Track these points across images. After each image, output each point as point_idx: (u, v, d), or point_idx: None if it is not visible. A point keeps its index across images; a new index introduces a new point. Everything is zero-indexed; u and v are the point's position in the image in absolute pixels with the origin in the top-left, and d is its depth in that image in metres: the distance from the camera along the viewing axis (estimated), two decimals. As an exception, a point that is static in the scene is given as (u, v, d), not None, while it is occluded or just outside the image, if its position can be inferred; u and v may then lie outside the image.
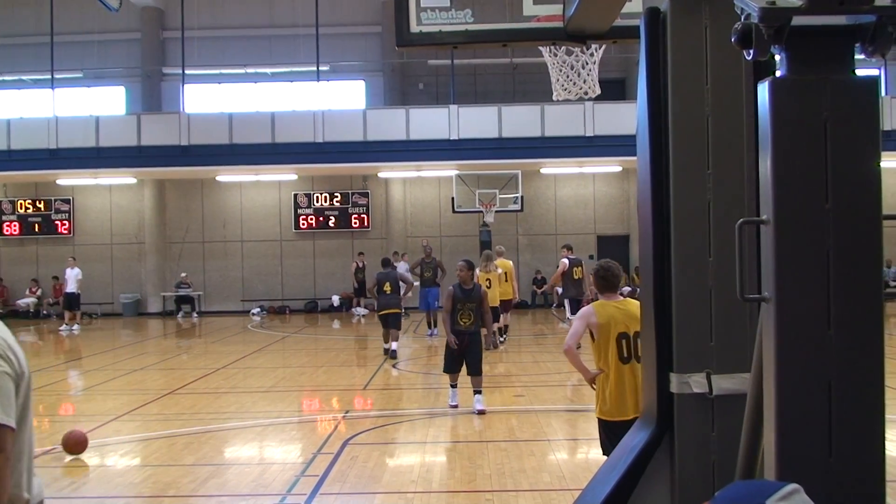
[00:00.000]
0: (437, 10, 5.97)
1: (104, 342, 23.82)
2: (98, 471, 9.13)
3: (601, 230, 31.55)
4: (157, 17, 32.98)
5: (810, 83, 3.04)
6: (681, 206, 4.29)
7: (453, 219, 30.35)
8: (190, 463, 9.22)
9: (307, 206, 31.83)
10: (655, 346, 4.39)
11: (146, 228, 31.99)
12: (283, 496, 7.87)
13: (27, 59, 31.82)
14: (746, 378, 3.72)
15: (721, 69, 4.26)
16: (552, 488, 7.92)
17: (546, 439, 10.05)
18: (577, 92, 12.28)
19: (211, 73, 32.53)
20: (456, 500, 7.65)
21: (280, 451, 10.02)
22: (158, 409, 12.61)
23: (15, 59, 32.30)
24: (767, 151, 3.05)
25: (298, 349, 20.97)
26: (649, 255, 4.43)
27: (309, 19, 29.36)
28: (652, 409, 4.45)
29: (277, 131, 28.17)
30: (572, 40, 5.95)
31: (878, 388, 3.08)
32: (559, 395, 13.24)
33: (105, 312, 31.33)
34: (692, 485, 4.25)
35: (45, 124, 28.63)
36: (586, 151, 27.71)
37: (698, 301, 4.28)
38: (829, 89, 3.03)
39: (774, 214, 3.02)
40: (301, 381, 15.44)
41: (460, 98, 29.37)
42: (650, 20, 4.37)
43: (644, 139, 4.44)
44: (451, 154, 27.89)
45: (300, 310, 31.60)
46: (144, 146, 28.32)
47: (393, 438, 10.59)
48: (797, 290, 3.03)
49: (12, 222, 32.10)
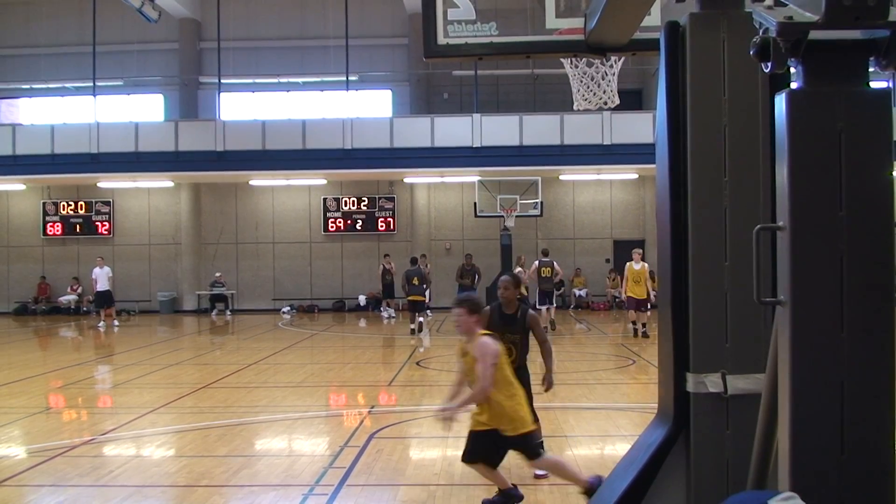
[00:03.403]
0: (464, 24, 6.05)
1: (141, 338, 23.86)
2: (135, 461, 9.15)
3: (617, 235, 31.86)
4: (194, 29, 33.50)
5: (826, 95, 3.04)
6: (698, 212, 4.34)
7: (475, 223, 30.64)
8: (223, 454, 9.24)
9: (336, 210, 32.28)
10: (672, 346, 4.42)
11: (182, 230, 32.46)
12: (312, 487, 7.88)
13: (70, 68, 32.48)
14: (761, 378, 3.79)
15: (738, 81, 4.31)
16: (570, 483, 7.64)
17: (563, 435, 9.98)
18: (596, 102, 12.56)
19: (245, 82, 33.02)
20: (477, 494, 7.50)
21: (308, 444, 9.99)
22: (193, 403, 12.65)
23: (59, 67, 32.93)
24: (784, 160, 3.06)
25: (326, 347, 21.05)
26: (667, 259, 4.47)
27: (339, 31, 29.90)
28: (668, 408, 4.49)
29: (308, 138, 28.61)
30: (593, 52, 6.02)
31: (889, 388, 3.08)
32: (576, 392, 13.01)
33: (143, 310, 31.70)
34: (707, 481, 4.30)
35: (86, 130, 29.11)
36: (604, 159, 28.05)
37: (714, 303, 4.33)
38: (844, 101, 3.04)
39: (790, 221, 3.02)
40: (329, 377, 15.52)
41: (483, 107, 29.63)
42: (670, 33, 4.43)
43: (663, 148, 4.48)
44: (473, 161, 28.30)
45: (328, 309, 31.93)
46: (181, 151, 28.84)
47: (417, 433, 10.53)
48: (811, 293, 3.02)
49: (55, 223, 32.77)
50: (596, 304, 31.13)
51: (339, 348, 20.84)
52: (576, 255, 31.38)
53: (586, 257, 31.85)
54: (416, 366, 16.52)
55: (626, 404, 12.01)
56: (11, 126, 30.43)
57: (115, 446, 9.95)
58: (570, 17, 6.00)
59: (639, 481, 4.39)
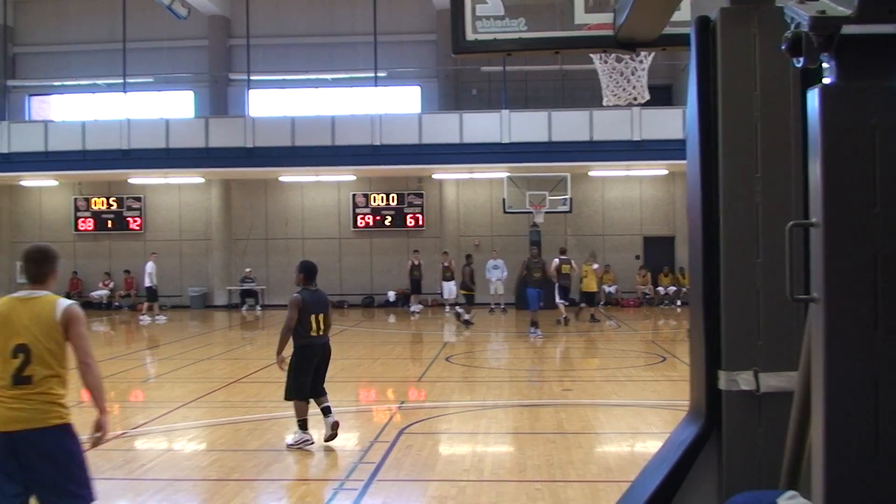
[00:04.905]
0: (492, 19, 6.02)
1: (173, 333, 24.09)
2: (167, 454, 9.23)
3: (647, 231, 31.73)
4: (224, 26, 33.68)
5: (859, 90, 2.99)
6: (730, 208, 4.30)
7: (504, 219, 30.54)
8: (254, 448, 9.36)
9: (365, 206, 32.33)
10: (704, 343, 4.39)
11: (213, 226, 32.67)
12: (342, 482, 7.97)
13: (101, 65, 32.68)
14: (793, 376, 3.76)
15: (770, 76, 4.26)
16: (599, 479, 7.91)
17: (593, 432, 10.03)
18: (626, 98, 12.55)
19: (274, 78, 33.10)
20: (506, 490, 7.59)
21: (339, 439, 9.90)
22: (224, 397, 12.79)
23: (90, 64, 33.21)
24: (817, 156, 3.01)
25: (356, 342, 21.10)
26: (698, 255, 4.44)
27: (367, 28, 29.97)
28: (700, 406, 4.46)
29: (337, 134, 28.69)
30: (622, 48, 5.97)
31: None
32: (606, 389, 13.07)
33: (174, 305, 31.78)
34: (739, 480, 4.25)
35: (118, 126, 29.40)
36: (634, 155, 27.93)
37: (747, 300, 4.30)
38: (878, 96, 2.99)
39: (824, 218, 2.98)
40: (358, 372, 15.59)
41: (512, 103, 29.53)
42: (700, 28, 4.40)
43: (694, 144, 4.45)
44: (502, 157, 28.29)
45: (357, 304, 32.02)
46: (212, 148, 29.06)
47: (446, 429, 10.63)
48: (845, 291, 2.99)
49: (87, 219, 33.04)
50: (626, 300, 31.03)
51: (369, 344, 20.98)
52: (605, 252, 31.19)
53: (616, 254, 31.72)
54: (446, 361, 16.57)
55: (656, 401, 11.98)
56: (44, 123, 30.79)
57: (147, 440, 10.06)
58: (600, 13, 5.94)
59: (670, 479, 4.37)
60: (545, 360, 17.14)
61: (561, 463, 8.52)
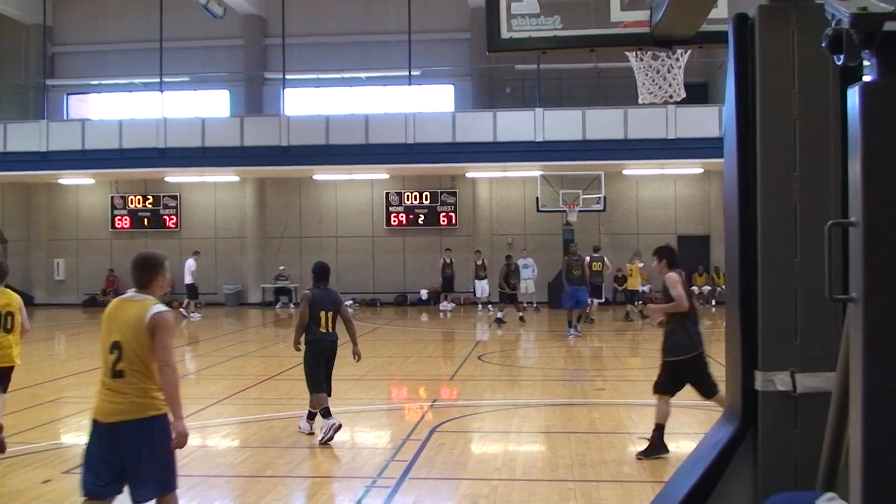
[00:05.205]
0: (527, 17, 5.99)
1: (207, 330, 24.22)
2: (201, 451, 9.16)
3: (682, 230, 31.48)
4: (259, 25, 33.93)
5: None
6: (768, 207, 4.27)
7: (537, 218, 30.44)
8: (286, 445, 9.35)
9: (398, 204, 32.44)
10: (741, 343, 4.36)
11: (247, 224, 32.93)
12: (374, 479, 7.92)
13: (138, 64, 32.95)
14: (831, 377, 3.68)
15: (808, 73, 4.23)
16: (632, 480, 7.85)
17: (626, 432, 9.97)
18: (662, 95, 12.46)
19: (309, 77, 33.33)
20: (538, 489, 7.55)
21: (371, 437, 10.10)
22: (258, 394, 12.79)
23: (127, 63, 33.57)
24: (857, 155, 2.96)
25: (388, 340, 21.09)
26: (735, 255, 4.40)
27: (402, 26, 30.00)
28: (736, 406, 4.42)
29: (371, 133, 28.79)
30: (659, 45, 5.95)
31: None
32: (640, 389, 12.80)
33: (209, 302, 31.93)
34: (774, 481, 4.20)
35: (154, 125, 29.75)
36: (668, 153, 27.78)
37: (784, 300, 4.26)
38: None
39: (863, 217, 2.93)
40: (391, 370, 15.59)
41: (545, 101, 29.50)
42: (738, 26, 4.35)
43: (732, 142, 4.41)
44: (536, 155, 28.23)
45: (390, 303, 32.07)
46: (247, 146, 29.28)
47: (478, 427, 10.59)
48: (885, 291, 2.93)
49: (123, 217, 33.44)
50: (659, 299, 30.66)
51: (401, 342, 20.97)
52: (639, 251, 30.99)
53: (649, 253, 31.29)
54: (478, 360, 16.54)
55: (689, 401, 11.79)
56: (81, 121, 31.22)
57: (181, 436, 10.12)
58: (636, 10, 5.90)
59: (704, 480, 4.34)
60: (577, 358, 17.04)
61: (593, 462, 8.49)
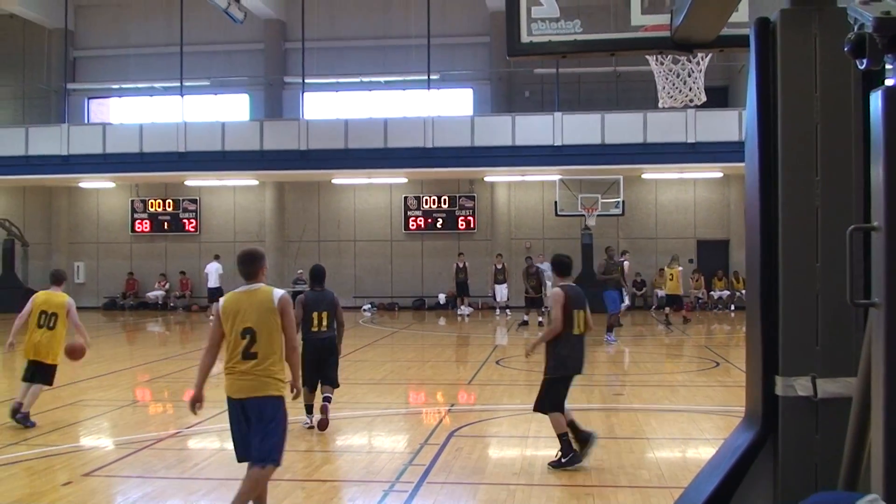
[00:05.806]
0: (547, 21, 6.02)
1: None
2: (219, 454, 9.12)
3: (701, 235, 31.42)
4: (279, 29, 33.99)
5: None
6: (789, 211, 4.27)
7: (556, 222, 30.47)
8: (304, 449, 9.36)
9: (416, 209, 32.38)
10: (761, 348, 4.35)
11: (267, 227, 32.93)
12: (392, 483, 7.93)
13: (159, 68, 33.23)
14: (852, 382, 3.69)
15: (830, 78, 4.23)
16: (651, 485, 7.83)
17: (645, 437, 9.96)
18: (682, 99, 12.09)
19: (328, 81, 33.38)
20: (556, 494, 7.54)
21: (389, 441, 10.09)
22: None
23: (147, 68, 33.77)
24: (879, 159, 2.96)
25: (406, 344, 21.20)
26: (756, 259, 4.41)
27: (421, 30, 30.13)
28: (757, 411, 4.41)
29: (390, 137, 28.89)
30: (679, 49, 5.97)
31: None
32: (658, 394, 12.97)
33: None
34: (795, 486, 4.20)
35: (174, 129, 29.95)
36: (688, 157, 27.75)
37: (805, 305, 4.25)
38: None
39: (886, 221, 2.92)
40: (409, 374, 15.66)
41: (564, 105, 29.55)
42: (760, 30, 4.37)
43: (753, 146, 4.41)
44: (554, 159, 28.23)
45: (408, 307, 32.07)
46: (266, 150, 29.38)
47: (496, 432, 10.55)
48: None
49: (143, 220, 33.52)
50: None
51: (419, 346, 20.99)
52: (658, 255, 30.93)
53: (668, 257, 31.31)
54: (496, 365, 16.50)
55: (709, 407, 11.81)
56: (102, 125, 31.34)
57: (201, 440, 10.13)
58: (656, 14, 5.93)
59: (725, 485, 4.33)
60: (596, 363, 16.88)
61: (612, 468, 8.46)
